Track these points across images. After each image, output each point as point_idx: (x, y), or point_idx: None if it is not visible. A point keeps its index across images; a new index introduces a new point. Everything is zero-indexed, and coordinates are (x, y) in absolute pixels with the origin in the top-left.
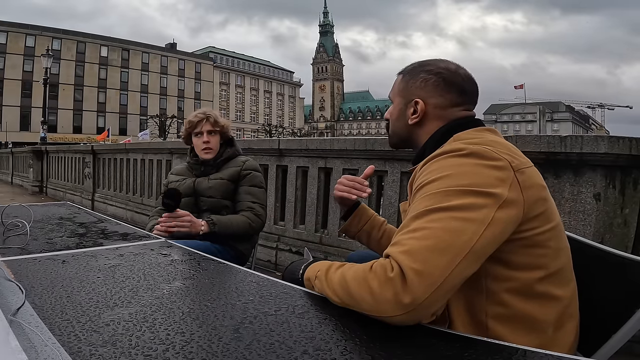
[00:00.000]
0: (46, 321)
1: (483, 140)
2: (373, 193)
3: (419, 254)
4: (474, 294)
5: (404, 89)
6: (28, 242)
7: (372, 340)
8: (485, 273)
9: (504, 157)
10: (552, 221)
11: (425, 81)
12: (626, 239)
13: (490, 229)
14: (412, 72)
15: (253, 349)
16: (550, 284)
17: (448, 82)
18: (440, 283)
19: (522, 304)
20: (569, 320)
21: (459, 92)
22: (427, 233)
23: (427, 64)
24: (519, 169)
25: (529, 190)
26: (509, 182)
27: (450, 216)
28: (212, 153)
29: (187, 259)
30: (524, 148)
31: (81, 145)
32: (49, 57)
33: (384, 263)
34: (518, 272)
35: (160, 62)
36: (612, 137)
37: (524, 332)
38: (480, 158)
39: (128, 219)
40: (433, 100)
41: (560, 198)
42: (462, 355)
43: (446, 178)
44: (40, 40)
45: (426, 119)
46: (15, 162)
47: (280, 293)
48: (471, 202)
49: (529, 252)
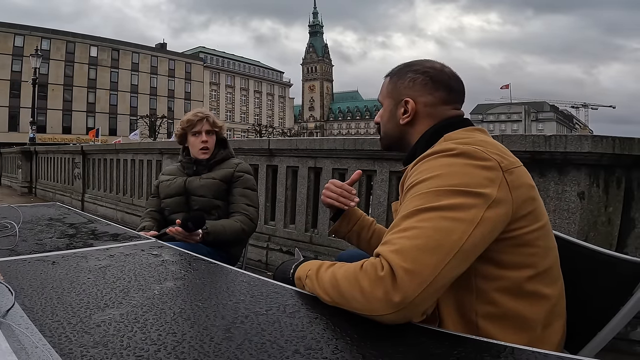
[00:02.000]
0: (36, 323)
1: (473, 140)
2: (362, 192)
3: (409, 253)
4: (464, 293)
5: (392, 90)
6: (17, 244)
7: (363, 339)
8: (475, 272)
9: (493, 157)
10: (541, 220)
11: (413, 80)
12: (610, 237)
13: (480, 228)
14: (399, 73)
15: (244, 349)
16: (539, 283)
17: (435, 80)
18: (430, 282)
19: (512, 302)
20: (556, 319)
21: (447, 90)
22: (417, 232)
23: (413, 64)
24: (508, 169)
25: (517, 190)
26: (498, 182)
27: (440, 216)
28: (209, 153)
29: (178, 259)
30: (509, 147)
31: (71, 146)
32: (38, 57)
33: (375, 262)
34: (508, 271)
35: (150, 62)
36: (595, 137)
37: (514, 331)
38: (470, 158)
39: (118, 219)
40: (423, 99)
41: (545, 197)
42: (452, 353)
43: (436, 178)
44: (29, 40)
45: (417, 118)
46: (4, 162)
47: (271, 293)
48: (461, 202)
49: (519, 251)
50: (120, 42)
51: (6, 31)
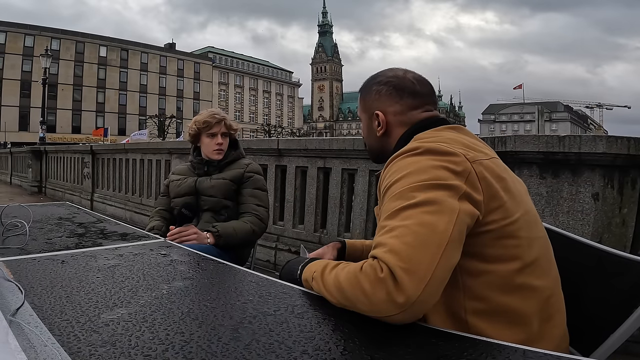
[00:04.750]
0: (45, 321)
1: (439, 138)
2: (372, 193)
3: (402, 252)
4: (451, 290)
5: (364, 106)
6: (27, 242)
7: (372, 340)
8: (460, 269)
9: (457, 151)
10: (517, 212)
11: (378, 93)
12: (624, 239)
13: (460, 217)
14: (365, 88)
15: (252, 349)
16: (529, 275)
17: (399, 88)
18: (430, 277)
19: (502, 297)
20: (554, 314)
21: (412, 95)
22: (404, 230)
23: (377, 76)
24: (474, 161)
25: (486, 180)
26: (466, 175)
27: (421, 211)
28: (222, 154)
29: (186, 259)
30: (522, 148)
31: (80, 145)
32: (48, 57)
33: (373, 264)
34: (493, 264)
35: (159, 62)
36: (610, 137)
37: (506, 326)
38: (434, 154)
39: (127, 219)
40: (391, 109)
41: (558, 198)
42: (462, 354)
43: (407, 176)
44: (39, 40)
45: (391, 128)
46: (14, 162)
47: (279, 293)
48: (435, 195)
49: (501, 244)
50: (129, 42)
51: (16, 31)
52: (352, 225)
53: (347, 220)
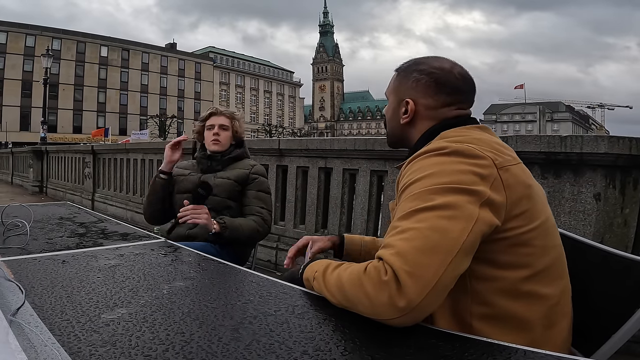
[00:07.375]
0: (46, 321)
1: (467, 138)
2: (374, 193)
3: (409, 256)
4: (459, 294)
5: (397, 88)
6: (28, 242)
7: (372, 341)
8: (469, 273)
9: (486, 155)
10: (537, 220)
11: (417, 81)
12: (626, 239)
13: (477, 225)
14: (406, 70)
15: (253, 349)
16: (536, 283)
17: (440, 82)
18: (434, 284)
19: (507, 303)
20: (560, 319)
21: (452, 92)
22: (415, 234)
23: (420, 63)
24: (502, 167)
25: (512, 188)
26: (492, 180)
27: (436, 215)
28: (220, 146)
29: (187, 259)
30: (524, 148)
31: (81, 145)
32: (49, 57)
33: (378, 265)
34: (503, 271)
35: (160, 62)
36: (612, 137)
37: (510, 332)
38: (461, 156)
39: (128, 219)
40: (423, 101)
41: (560, 198)
42: (463, 355)
43: (429, 177)
44: (40, 40)
45: (417, 119)
46: (15, 162)
47: (280, 293)
48: (455, 199)
49: (514, 251)
50: (130, 42)
51: (17, 31)
52: (353, 225)
53: (348, 221)
